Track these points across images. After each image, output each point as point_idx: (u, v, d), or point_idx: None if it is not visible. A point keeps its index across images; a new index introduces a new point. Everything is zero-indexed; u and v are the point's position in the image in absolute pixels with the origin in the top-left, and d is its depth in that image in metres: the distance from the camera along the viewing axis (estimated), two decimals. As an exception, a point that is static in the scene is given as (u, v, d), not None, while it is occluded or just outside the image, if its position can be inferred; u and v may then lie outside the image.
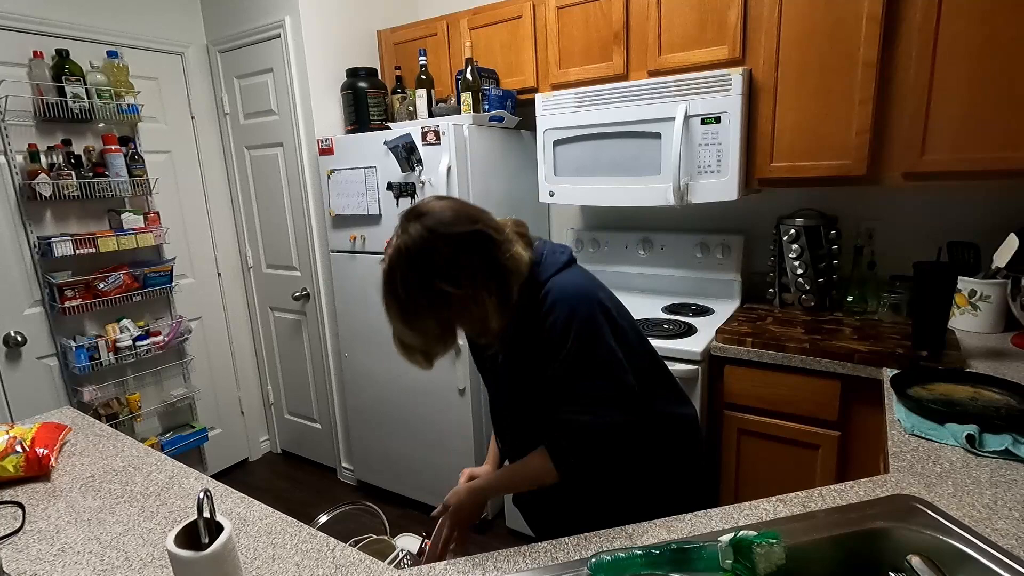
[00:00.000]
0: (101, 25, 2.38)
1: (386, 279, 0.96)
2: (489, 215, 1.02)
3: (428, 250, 0.93)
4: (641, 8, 1.94)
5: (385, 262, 0.96)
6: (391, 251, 0.95)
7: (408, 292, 0.94)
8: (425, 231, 0.93)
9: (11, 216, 2.16)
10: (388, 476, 2.64)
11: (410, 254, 0.93)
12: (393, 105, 2.41)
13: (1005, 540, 0.81)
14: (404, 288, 0.94)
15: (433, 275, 0.93)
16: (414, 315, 0.96)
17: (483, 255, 0.96)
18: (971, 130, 1.54)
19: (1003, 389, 1.27)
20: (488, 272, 0.96)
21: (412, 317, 0.97)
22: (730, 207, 2.22)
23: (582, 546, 0.86)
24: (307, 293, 2.77)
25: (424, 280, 0.93)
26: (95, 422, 1.48)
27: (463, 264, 0.94)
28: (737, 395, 1.75)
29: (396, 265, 0.95)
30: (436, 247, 0.93)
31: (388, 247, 0.96)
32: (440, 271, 0.93)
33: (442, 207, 0.97)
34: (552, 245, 1.12)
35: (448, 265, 0.93)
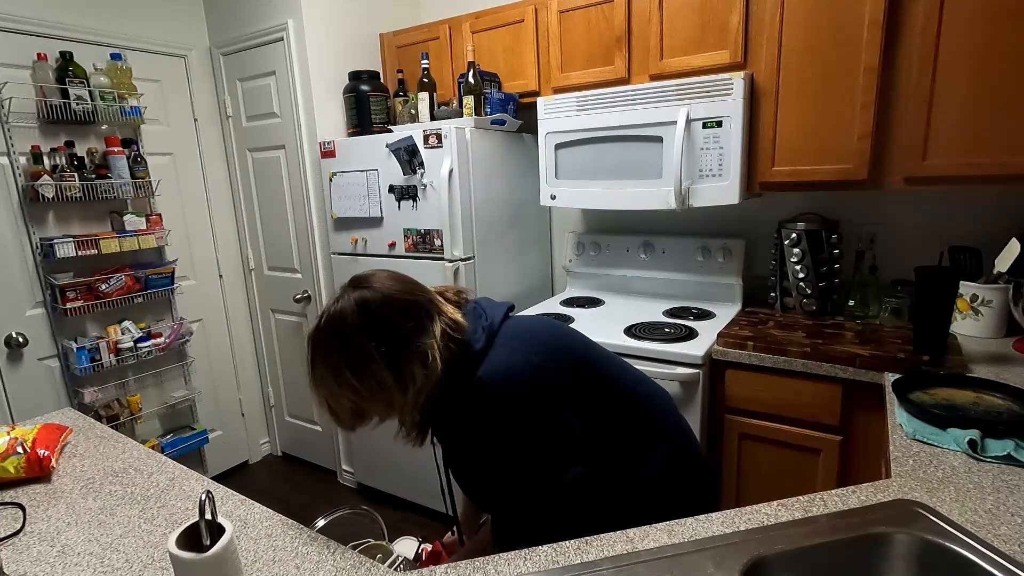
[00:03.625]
0: (105, 28, 2.39)
1: (314, 341, 0.96)
2: (424, 296, 0.99)
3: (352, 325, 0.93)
4: (643, 12, 1.95)
5: (319, 322, 0.95)
6: (324, 316, 0.95)
7: (336, 356, 0.94)
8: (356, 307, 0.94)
9: (13, 217, 2.16)
10: (388, 479, 2.64)
11: (336, 324, 0.94)
12: (395, 108, 2.42)
13: (1007, 546, 0.80)
14: (331, 354, 0.94)
15: (352, 351, 0.93)
16: (337, 379, 0.94)
17: (397, 348, 0.94)
18: (973, 135, 1.54)
19: (1005, 394, 1.27)
20: (397, 369, 0.94)
21: (335, 381, 0.95)
22: (731, 211, 2.22)
23: (583, 550, 0.86)
24: (308, 295, 2.77)
25: (351, 349, 0.93)
26: (96, 423, 1.48)
27: (372, 352, 0.92)
28: (738, 399, 1.75)
29: (324, 330, 0.95)
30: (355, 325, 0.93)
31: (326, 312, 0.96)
32: (347, 353, 0.93)
33: (381, 285, 0.96)
34: (480, 311, 1.05)
35: (358, 350, 0.92)
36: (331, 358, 0.93)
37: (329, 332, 0.94)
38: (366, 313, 0.93)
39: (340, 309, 0.93)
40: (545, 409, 0.98)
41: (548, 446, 0.99)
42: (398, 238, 2.28)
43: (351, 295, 0.94)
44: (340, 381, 0.93)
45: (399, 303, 0.95)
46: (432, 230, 2.18)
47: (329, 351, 0.94)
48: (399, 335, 0.94)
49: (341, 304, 0.94)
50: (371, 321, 0.93)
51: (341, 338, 0.93)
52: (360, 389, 0.93)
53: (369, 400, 0.95)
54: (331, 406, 0.96)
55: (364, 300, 0.93)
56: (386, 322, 0.93)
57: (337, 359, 0.93)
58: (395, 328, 0.94)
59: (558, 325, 1.12)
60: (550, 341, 1.05)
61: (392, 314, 0.94)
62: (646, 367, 1.78)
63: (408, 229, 2.24)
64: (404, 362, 0.93)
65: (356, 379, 0.92)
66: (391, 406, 0.97)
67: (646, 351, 1.79)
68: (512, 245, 2.43)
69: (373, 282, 0.96)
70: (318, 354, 0.94)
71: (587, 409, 1.04)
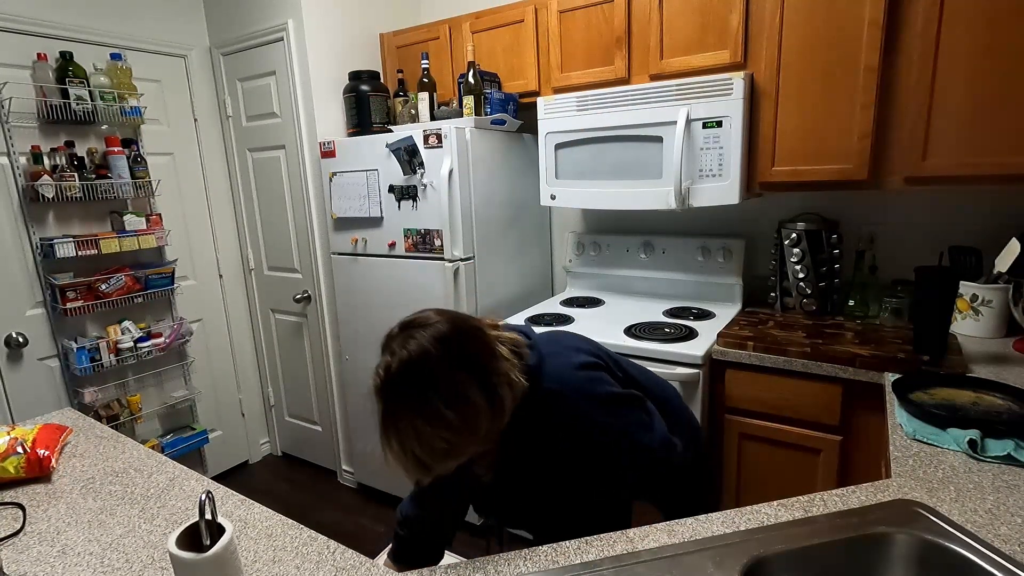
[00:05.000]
0: (105, 28, 2.39)
1: (399, 387, 0.88)
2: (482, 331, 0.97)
3: (428, 366, 0.88)
4: (643, 12, 1.95)
5: (389, 373, 0.89)
6: (396, 361, 0.88)
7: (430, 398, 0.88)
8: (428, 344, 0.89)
9: (13, 217, 2.16)
10: (388, 479, 2.64)
11: (412, 367, 0.88)
12: (395, 108, 2.42)
13: (1007, 546, 0.80)
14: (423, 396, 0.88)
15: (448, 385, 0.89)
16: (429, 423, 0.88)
17: (479, 374, 0.92)
18: (973, 135, 1.54)
19: (1005, 394, 1.27)
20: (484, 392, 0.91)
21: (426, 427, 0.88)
22: (731, 211, 2.22)
23: (583, 550, 0.86)
24: (308, 295, 2.77)
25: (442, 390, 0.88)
26: (96, 423, 1.48)
27: (460, 380, 0.90)
28: (738, 399, 1.75)
29: (407, 374, 0.88)
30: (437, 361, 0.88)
31: (388, 365, 0.89)
32: (439, 387, 0.88)
33: (439, 319, 0.93)
34: (514, 328, 1.07)
35: (452, 382, 0.89)
36: (421, 400, 0.87)
37: (412, 375, 0.88)
38: (446, 345, 0.89)
39: (418, 350, 0.88)
40: (622, 396, 1.06)
41: (643, 426, 1.06)
42: (398, 238, 2.28)
43: (420, 335, 0.89)
44: (434, 422, 0.87)
45: (467, 329, 0.94)
46: (432, 230, 2.18)
47: (418, 394, 0.88)
48: (481, 360, 0.92)
49: (413, 346, 0.88)
50: (454, 351, 0.90)
51: (430, 376, 0.88)
52: (457, 423, 0.88)
53: (465, 433, 0.90)
54: (419, 456, 0.89)
55: (439, 334, 0.90)
56: (466, 350, 0.91)
57: (429, 398, 0.87)
58: (476, 354, 0.92)
59: (576, 333, 1.18)
60: (583, 344, 1.11)
61: (468, 341, 0.92)
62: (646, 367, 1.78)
63: (408, 229, 2.24)
64: (494, 386, 0.92)
65: (453, 412, 0.88)
66: (482, 436, 0.93)
67: (646, 351, 1.79)
68: (512, 245, 2.43)
69: (430, 319, 0.93)
70: (402, 403, 0.88)
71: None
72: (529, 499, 1.12)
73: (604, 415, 1.03)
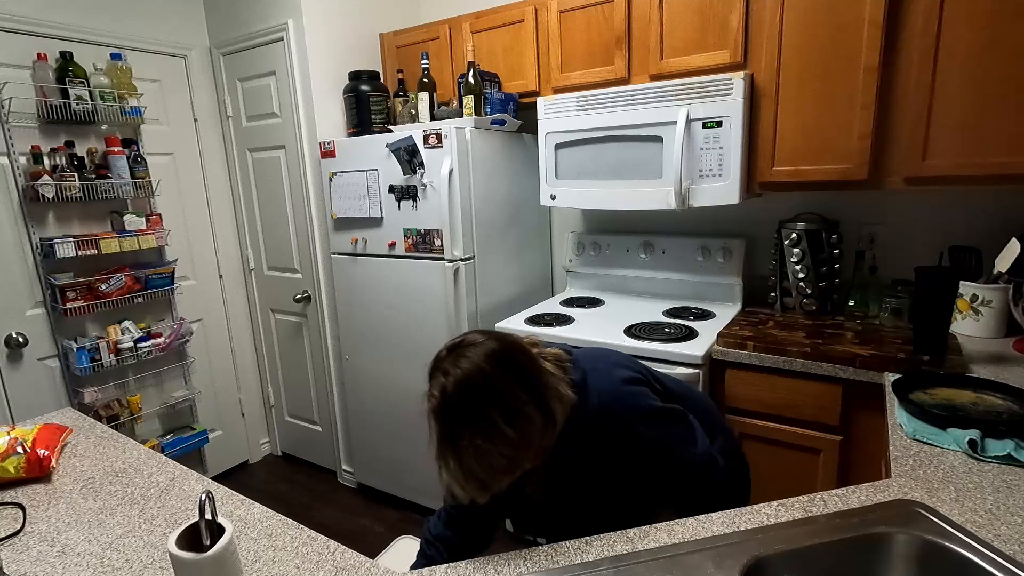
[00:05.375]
0: (105, 28, 2.39)
1: (458, 404, 0.90)
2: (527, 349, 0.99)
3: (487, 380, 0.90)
4: (643, 12, 1.95)
5: (444, 395, 0.90)
6: (451, 381, 0.89)
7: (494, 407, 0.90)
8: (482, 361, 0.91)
9: (13, 217, 2.16)
10: (388, 479, 2.64)
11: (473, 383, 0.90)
12: (395, 108, 2.42)
13: (1007, 546, 0.80)
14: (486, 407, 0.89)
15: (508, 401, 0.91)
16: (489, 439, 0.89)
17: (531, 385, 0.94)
18: (973, 135, 1.54)
19: (1005, 394, 1.27)
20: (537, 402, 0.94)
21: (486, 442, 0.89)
22: (731, 211, 2.22)
23: (583, 550, 0.86)
24: (308, 295, 2.77)
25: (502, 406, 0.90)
26: (96, 423, 1.48)
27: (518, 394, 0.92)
28: (738, 399, 1.75)
29: (466, 389, 0.90)
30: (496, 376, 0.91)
31: (442, 383, 0.91)
32: (497, 403, 0.90)
33: (486, 339, 0.95)
34: (553, 345, 1.10)
35: (510, 397, 0.91)
36: (479, 417, 0.89)
37: (470, 392, 0.89)
38: (498, 361, 0.91)
39: (472, 368, 0.89)
40: (665, 410, 1.08)
41: (686, 440, 1.09)
42: (398, 238, 2.28)
43: (471, 353, 0.91)
44: (494, 438, 0.88)
45: (514, 346, 0.96)
46: (432, 230, 2.18)
47: (476, 411, 0.89)
48: (531, 374, 0.95)
49: (467, 364, 0.90)
50: (507, 367, 0.92)
51: (486, 392, 0.89)
52: (515, 438, 0.89)
53: (522, 448, 0.91)
54: (478, 474, 0.90)
55: (490, 351, 0.92)
56: (517, 365, 0.93)
57: (487, 415, 0.88)
58: (526, 369, 0.95)
59: (614, 350, 1.20)
60: (624, 359, 1.13)
61: (517, 357, 0.95)
62: (646, 367, 1.78)
63: (408, 229, 2.24)
64: (546, 399, 0.94)
65: (511, 427, 0.89)
66: (536, 450, 0.94)
67: (646, 351, 1.79)
68: (512, 245, 2.43)
69: (477, 339, 0.95)
70: (461, 421, 0.89)
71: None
72: (568, 514, 1.12)
73: (648, 429, 1.04)
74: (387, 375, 2.48)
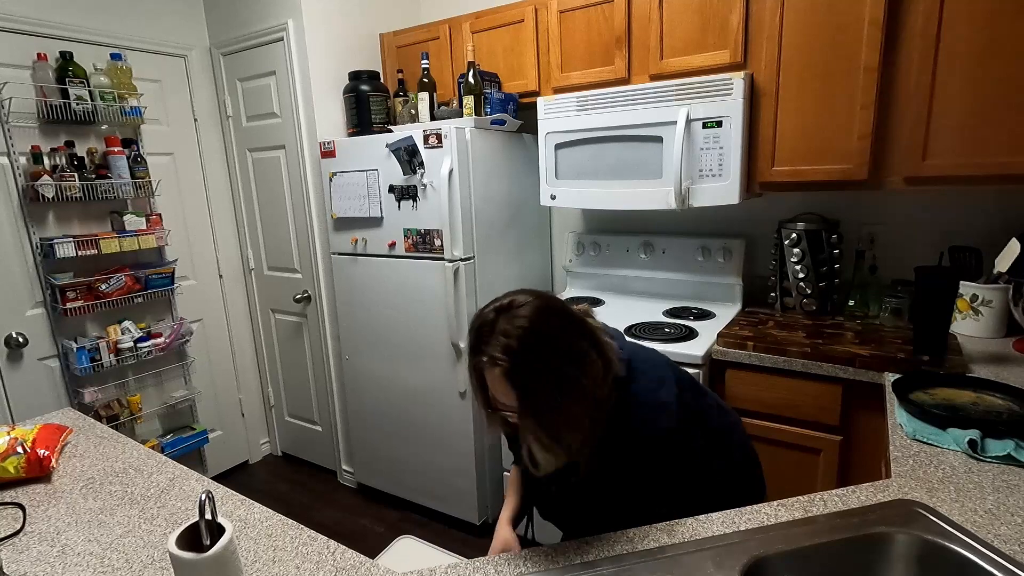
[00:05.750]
0: (105, 27, 2.39)
1: (526, 357, 0.87)
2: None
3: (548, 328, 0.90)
4: (643, 12, 1.95)
5: (514, 350, 0.87)
6: (514, 340, 0.87)
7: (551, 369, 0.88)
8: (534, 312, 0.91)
9: (13, 217, 2.16)
10: (388, 479, 2.64)
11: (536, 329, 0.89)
12: (395, 108, 2.42)
13: (1007, 546, 0.80)
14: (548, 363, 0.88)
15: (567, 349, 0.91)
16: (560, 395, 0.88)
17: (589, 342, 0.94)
18: (973, 135, 1.54)
19: (1005, 394, 1.27)
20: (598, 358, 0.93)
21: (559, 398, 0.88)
22: (731, 211, 2.22)
23: (583, 550, 0.86)
24: (308, 295, 2.77)
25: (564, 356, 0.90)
26: (96, 423, 1.48)
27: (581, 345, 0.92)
28: (738, 399, 1.75)
29: (532, 340, 0.88)
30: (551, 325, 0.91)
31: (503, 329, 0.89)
32: (563, 350, 0.90)
33: (528, 294, 0.95)
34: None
35: (566, 342, 0.91)
36: (551, 369, 0.88)
37: (539, 346, 0.87)
38: (556, 313, 0.92)
39: (533, 324, 0.88)
40: (696, 420, 1.09)
41: (711, 452, 1.10)
42: (398, 238, 2.28)
43: (525, 312, 0.90)
44: (568, 386, 0.88)
45: (560, 301, 0.97)
46: (432, 230, 2.18)
47: (546, 364, 0.87)
48: (583, 323, 0.95)
49: (524, 323, 0.88)
50: (563, 318, 0.93)
51: (553, 343, 0.89)
52: (587, 385, 0.89)
53: (592, 394, 0.90)
54: (560, 429, 0.88)
55: (542, 305, 0.91)
56: (571, 315, 0.95)
57: (557, 364, 0.88)
58: (578, 319, 0.95)
59: (655, 349, 1.17)
60: (665, 360, 1.11)
61: (567, 308, 0.96)
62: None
63: (408, 229, 2.24)
64: (600, 344, 0.95)
65: (581, 373, 0.89)
66: (600, 403, 0.93)
67: (646, 351, 1.79)
68: (512, 245, 2.43)
69: (519, 299, 0.93)
70: (534, 376, 0.87)
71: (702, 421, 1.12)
72: (588, 507, 1.10)
73: (679, 435, 1.02)
74: (387, 375, 2.48)
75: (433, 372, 2.32)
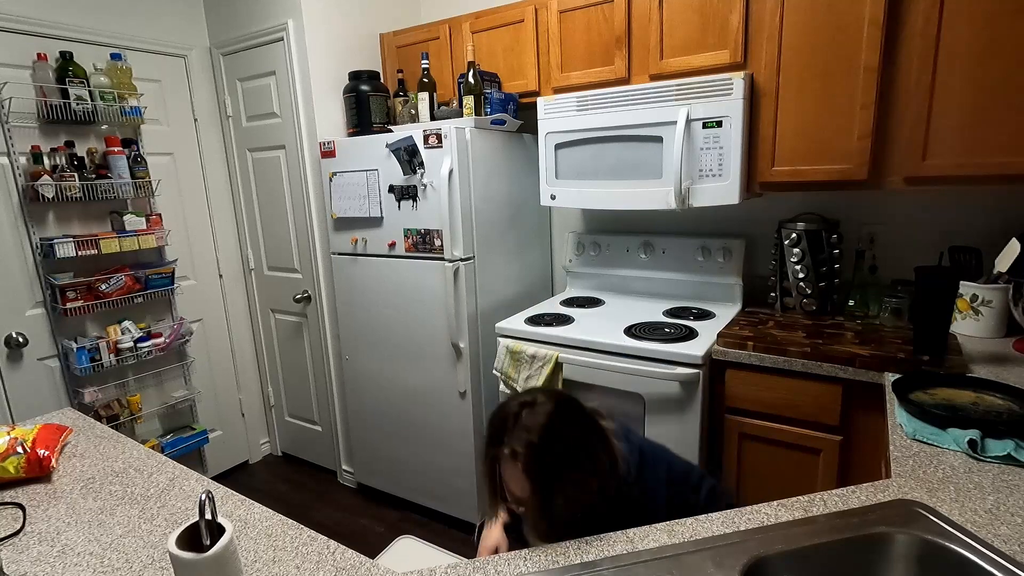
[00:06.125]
0: (105, 27, 2.39)
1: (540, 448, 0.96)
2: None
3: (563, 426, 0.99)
4: (643, 12, 1.95)
5: (535, 446, 0.96)
6: (535, 435, 0.97)
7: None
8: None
9: (13, 217, 2.16)
10: (388, 479, 2.64)
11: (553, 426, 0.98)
12: (395, 108, 2.42)
13: (1007, 546, 0.80)
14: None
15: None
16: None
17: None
18: (973, 135, 1.54)
19: (1005, 394, 1.27)
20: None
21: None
22: (731, 211, 2.22)
23: (583, 550, 0.86)
24: (308, 295, 2.77)
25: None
26: (96, 423, 1.48)
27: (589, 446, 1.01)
28: (738, 399, 1.75)
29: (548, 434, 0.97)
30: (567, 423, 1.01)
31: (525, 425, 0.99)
32: (581, 440, 1.00)
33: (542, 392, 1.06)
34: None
35: (584, 434, 1.01)
36: (568, 463, 0.96)
37: (557, 442, 0.96)
38: (573, 411, 1.03)
39: (552, 421, 0.98)
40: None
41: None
42: (398, 238, 2.28)
43: (545, 409, 1.00)
44: (582, 480, 0.97)
45: (578, 401, 1.08)
46: (432, 230, 2.18)
47: (564, 458, 0.96)
48: (596, 423, 1.07)
49: (543, 420, 0.97)
50: (579, 417, 1.04)
51: (569, 440, 0.98)
52: (596, 486, 0.98)
53: (601, 487, 0.99)
54: (566, 516, 0.95)
55: (561, 404, 1.01)
56: (586, 415, 1.05)
57: (574, 459, 0.97)
58: (592, 419, 1.07)
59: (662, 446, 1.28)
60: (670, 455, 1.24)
61: (584, 408, 1.07)
62: (646, 367, 1.78)
63: (408, 229, 2.24)
64: (608, 440, 1.06)
65: (594, 473, 0.99)
66: (605, 491, 1.01)
67: (646, 351, 1.79)
68: (512, 245, 2.43)
69: (538, 398, 1.03)
70: (551, 470, 0.95)
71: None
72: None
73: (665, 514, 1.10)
74: (387, 375, 2.48)
75: (433, 372, 2.32)
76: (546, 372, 1.95)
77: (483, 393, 2.28)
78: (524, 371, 2.02)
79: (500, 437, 0.99)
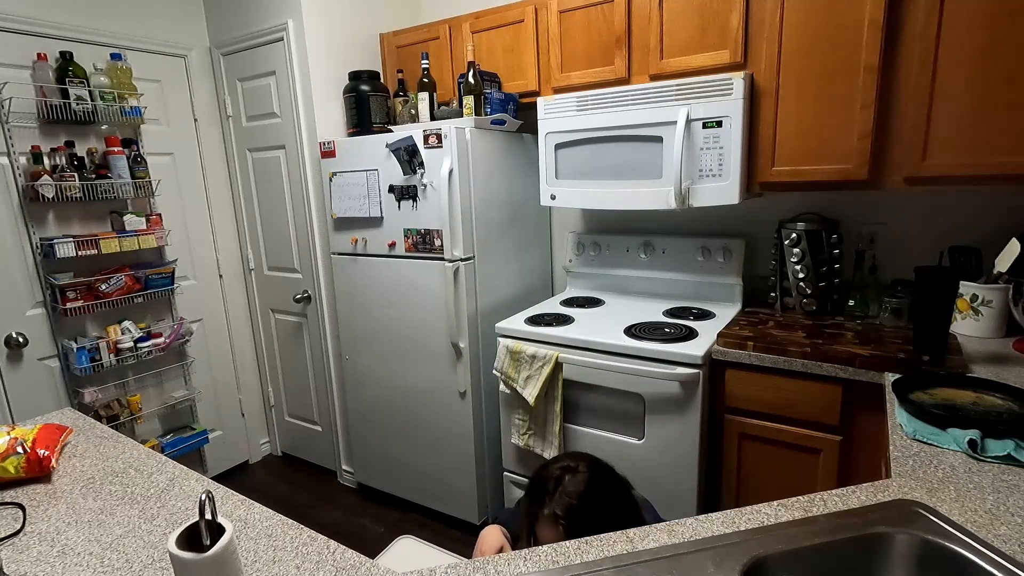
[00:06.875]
0: (105, 27, 2.39)
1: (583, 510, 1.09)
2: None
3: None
4: (643, 12, 1.95)
5: (575, 508, 1.09)
6: (576, 497, 1.10)
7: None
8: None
9: (13, 217, 2.16)
10: (388, 479, 2.64)
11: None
12: (395, 108, 2.42)
13: (1007, 546, 0.80)
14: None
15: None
16: None
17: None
18: (973, 135, 1.54)
19: (1005, 394, 1.27)
20: None
21: None
22: (731, 211, 2.22)
23: (583, 550, 0.86)
24: (308, 295, 2.77)
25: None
26: (96, 423, 1.48)
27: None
28: (738, 399, 1.75)
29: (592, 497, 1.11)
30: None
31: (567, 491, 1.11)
32: (618, 501, 1.15)
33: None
34: None
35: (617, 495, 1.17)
36: (604, 525, 1.01)
37: (597, 506, 1.09)
38: (603, 469, 1.18)
39: (592, 486, 1.12)
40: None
41: None
42: (398, 238, 2.28)
43: (581, 471, 1.14)
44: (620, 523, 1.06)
45: (610, 466, 1.21)
46: (432, 230, 2.18)
47: (601, 521, 1.04)
48: (628, 485, 1.22)
49: (583, 487, 1.11)
50: (613, 481, 1.18)
51: (607, 503, 1.11)
52: (630, 517, 1.14)
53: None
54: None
55: (603, 473, 1.16)
56: (619, 479, 1.21)
57: (609, 521, 1.04)
58: (625, 482, 1.21)
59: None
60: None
61: (616, 474, 1.21)
62: (646, 367, 1.78)
63: (408, 229, 2.24)
64: (636, 503, 1.22)
65: (633, 518, 1.14)
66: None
67: (646, 351, 1.79)
68: (512, 245, 2.43)
69: (581, 464, 1.16)
70: (597, 526, 1.01)
71: None
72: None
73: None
74: (387, 375, 2.48)
75: (433, 372, 2.32)
76: (546, 372, 1.95)
77: (483, 393, 2.28)
78: (524, 371, 2.02)
79: (544, 497, 1.11)
